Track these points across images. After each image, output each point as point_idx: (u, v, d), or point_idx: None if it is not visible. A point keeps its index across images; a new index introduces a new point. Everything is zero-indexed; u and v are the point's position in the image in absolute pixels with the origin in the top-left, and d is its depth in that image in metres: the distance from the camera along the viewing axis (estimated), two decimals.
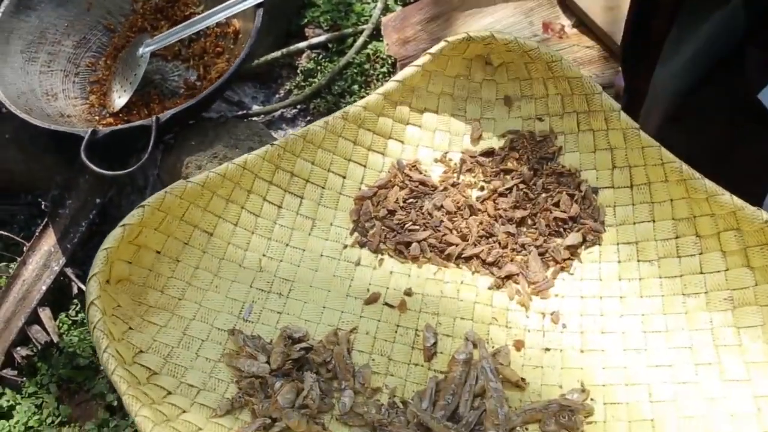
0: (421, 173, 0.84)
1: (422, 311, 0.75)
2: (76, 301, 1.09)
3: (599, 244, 0.78)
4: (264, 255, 0.77)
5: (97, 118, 1.14)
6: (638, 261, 0.75)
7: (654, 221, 0.75)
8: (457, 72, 0.86)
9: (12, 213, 1.17)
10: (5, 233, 1.12)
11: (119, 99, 1.13)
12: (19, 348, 1.04)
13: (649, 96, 0.84)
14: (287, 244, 0.79)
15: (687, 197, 0.73)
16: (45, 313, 1.05)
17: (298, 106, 1.24)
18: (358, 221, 0.81)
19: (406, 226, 0.80)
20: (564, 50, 1.12)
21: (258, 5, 1.06)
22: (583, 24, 1.14)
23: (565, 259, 0.77)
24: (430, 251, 0.79)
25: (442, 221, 0.80)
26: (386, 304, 0.75)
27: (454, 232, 0.80)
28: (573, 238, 0.78)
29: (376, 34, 1.27)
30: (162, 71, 1.19)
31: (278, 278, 0.76)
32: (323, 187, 0.81)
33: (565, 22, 1.14)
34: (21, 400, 1.01)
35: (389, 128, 0.84)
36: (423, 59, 0.82)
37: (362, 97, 1.22)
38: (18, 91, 1.07)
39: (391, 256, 0.79)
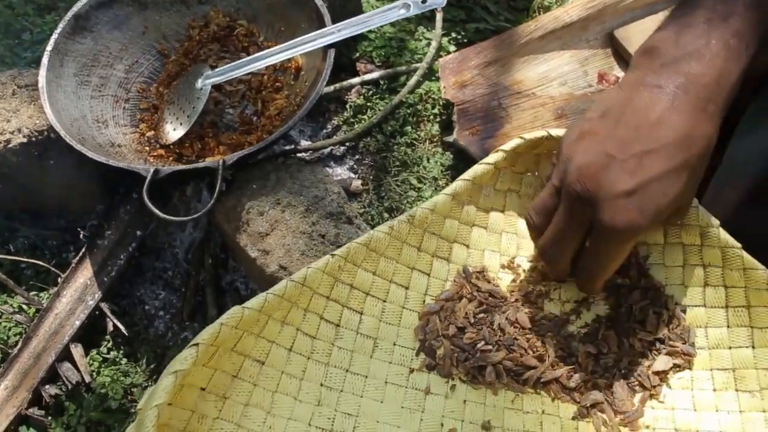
0: (489, 282, 0.75)
1: None
2: (108, 337, 1.02)
3: (690, 369, 0.71)
4: (322, 384, 0.67)
5: (147, 148, 1.06)
6: (737, 391, 0.68)
7: (754, 347, 0.69)
8: (525, 168, 0.78)
9: (44, 238, 1.08)
10: (38, 261, 1.04)
11: (174, 132, 1.05)
12: (47, 386, 0.96)
13: (723, 169, 0.75)
14: (347, 370, 0.68)
15: None
16: (77, 350, 0.98)
17: (347, 144, 1.18)
18: (425, 340, 0.72)
19: (478, 346, 0.71)
20: None
21: (330, 46, 1.00)
22: None
23: (654, 386, 0.70)
24: (507, 376, 0.70)
25: (516, 339, 0.72)
26: None
27: (530, 351, 0.72)
28: (662, 362, 0.71)
29: (428, 74, 1.23)
30: (216, 103, 1.11)
31: (340, 413, 0.66)
32: (385, 301, 0.72)
33: (620, 73, 1.11)
34: None
35: (455, 231, 0.75)
36: (495, 156, 0.74)
37: (414, 138, 1.17)
38: (71, 118, 1.00)
39: (464, 381, 0.70)
